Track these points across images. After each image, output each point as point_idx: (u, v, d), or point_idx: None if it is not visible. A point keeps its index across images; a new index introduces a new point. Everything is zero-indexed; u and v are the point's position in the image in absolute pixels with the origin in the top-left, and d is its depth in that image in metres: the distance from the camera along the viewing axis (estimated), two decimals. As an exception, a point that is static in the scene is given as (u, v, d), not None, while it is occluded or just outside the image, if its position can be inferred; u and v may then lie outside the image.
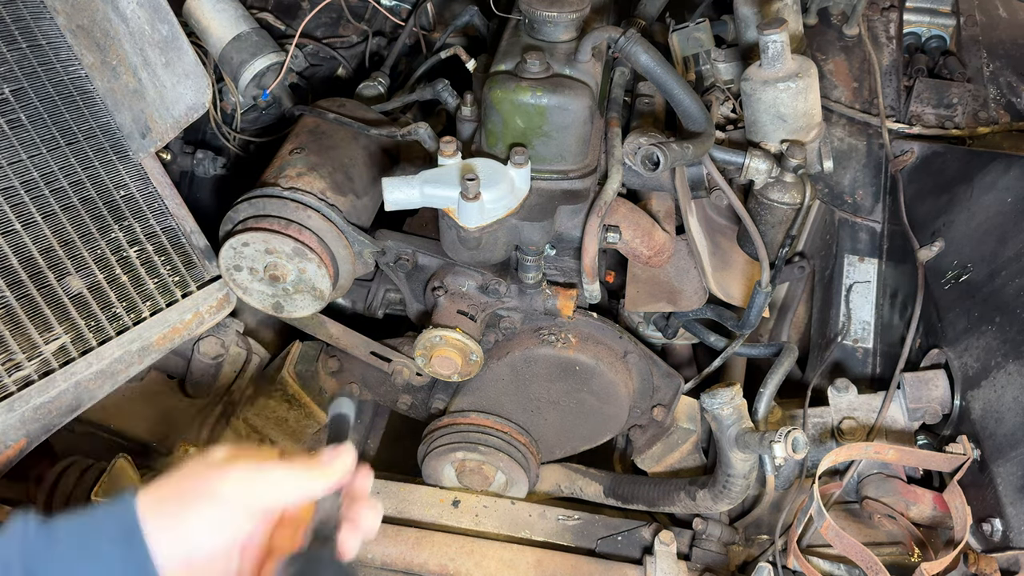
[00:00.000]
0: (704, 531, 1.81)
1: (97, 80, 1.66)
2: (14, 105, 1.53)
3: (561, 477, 2.03)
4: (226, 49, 2.01)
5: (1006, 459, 1.57)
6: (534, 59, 1.51)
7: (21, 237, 1.50)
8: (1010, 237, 1.73)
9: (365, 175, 1.82)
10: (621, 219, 1.74)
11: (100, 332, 1.58)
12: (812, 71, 1.72)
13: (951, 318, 1.81)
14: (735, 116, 1.92)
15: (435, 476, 1.96)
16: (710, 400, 1.62)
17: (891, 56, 2.24)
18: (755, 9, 1.87)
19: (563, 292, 1.78)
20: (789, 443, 1.48)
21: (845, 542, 1.54)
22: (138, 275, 1.66)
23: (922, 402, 1.78)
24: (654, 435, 2.00)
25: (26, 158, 1.53)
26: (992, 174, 1.86)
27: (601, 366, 1.82)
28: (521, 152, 1.49)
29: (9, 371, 1.46)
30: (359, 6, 2.27)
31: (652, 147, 1.54)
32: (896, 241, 2.06)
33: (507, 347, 1.84)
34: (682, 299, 1.87)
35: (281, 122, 2.18)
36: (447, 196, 1.47)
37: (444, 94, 1.76)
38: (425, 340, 1.72)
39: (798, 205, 1.75)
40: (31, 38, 1.58)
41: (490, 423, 1.90)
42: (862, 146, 2.15)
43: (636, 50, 1.56)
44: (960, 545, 1.52)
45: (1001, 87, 2.20)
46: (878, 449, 1.67)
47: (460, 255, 1.68)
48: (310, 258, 1.66)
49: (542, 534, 1.85)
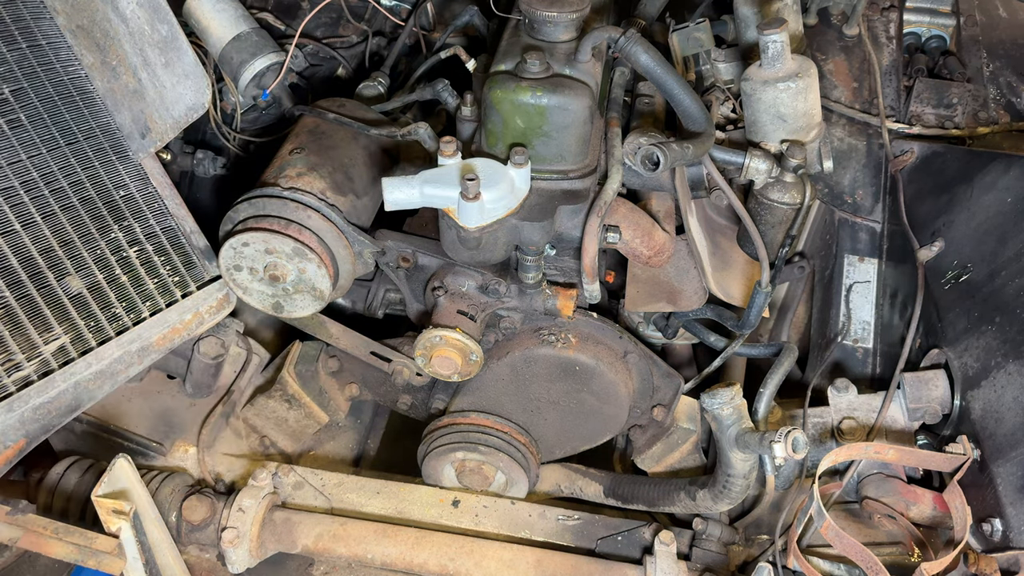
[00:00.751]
0: (704, 531, 1.81)
1: (97, 80, 1.66)
2: (14, 105, 1.53)
3: (561, 477, 2.03)
4: (226, 49, 2.01)
5: (1006, 459, 1.57)
6: (534, 59, 1.51)
7: (21, 237, 1.50)
8: (1010, 237, 1.73)
9: (365, 175, 1.82)
10: (621, 219, 1.74)
11: (100, 332, 1.58)
12: (812, 71, 1.72)
13: (951, 318, 1.81)
14: (735, 116, 1.92)
15: (435, 476, 1.96)
16: (710, 400, 1.62)
17: (891, 56, 2.24)
18: (755, 9, 1.87)
19: (563, 292, 1.78)
20: (789, 443, 1.48)
21: (845, 542, 1.54)
22: (138, 275, 1.66)
23: (922, 402, 1.78)
24: (654, 435, 2.00)
25: (26, 158, 1.53)
26: (992, 174, 1.86)
27: (601, 366, 1.82)
28: (521, 152, 1.49)
29: (8, 371, 1.46)
30: (359, 6, 2.27)
31: (652, 147, 1.54)
32: (896, 241, 2.06)
33: (507, 347, 1.84)
34: (682, 299, 1.87)
35: (281, 122, 2.18)
36: (447, 196, 1.47)
37: (444, 94, 1.76)
38: (425, 340, 1.72)
39: (798, 205, 1.75)
40: (31, 38, 1.58)
41: (490, 423, 1.90)
42: (862, 146, 2.15)
43: (636, 50, 1.56)
44: (960, 545, 1.52)
45: (1001, 87, 2.20)
46: (878, 449, 1.67)
47: (460, 255, 1.68)
48: (310, 258, 1.66)
49: (542, 534, 1.85)
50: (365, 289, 1.99)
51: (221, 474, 1.94)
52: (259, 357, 2.06)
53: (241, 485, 1.83)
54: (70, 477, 1.77)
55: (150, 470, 1.84)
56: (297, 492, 1.89)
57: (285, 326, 2.13)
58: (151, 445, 1.94)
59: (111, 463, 1.50)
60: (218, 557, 1.79)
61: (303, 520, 1.80)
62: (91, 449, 1.92)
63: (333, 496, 1.88)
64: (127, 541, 1.50)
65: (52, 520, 1.51)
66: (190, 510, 1.75)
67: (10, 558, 1.95)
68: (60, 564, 1.80)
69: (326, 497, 1.88)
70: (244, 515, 1.75)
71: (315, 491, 1.89)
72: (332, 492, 1.89)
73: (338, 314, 1.97)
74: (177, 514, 1.76)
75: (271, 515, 1.79)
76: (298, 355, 2.04)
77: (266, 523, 1.77)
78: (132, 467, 1.53)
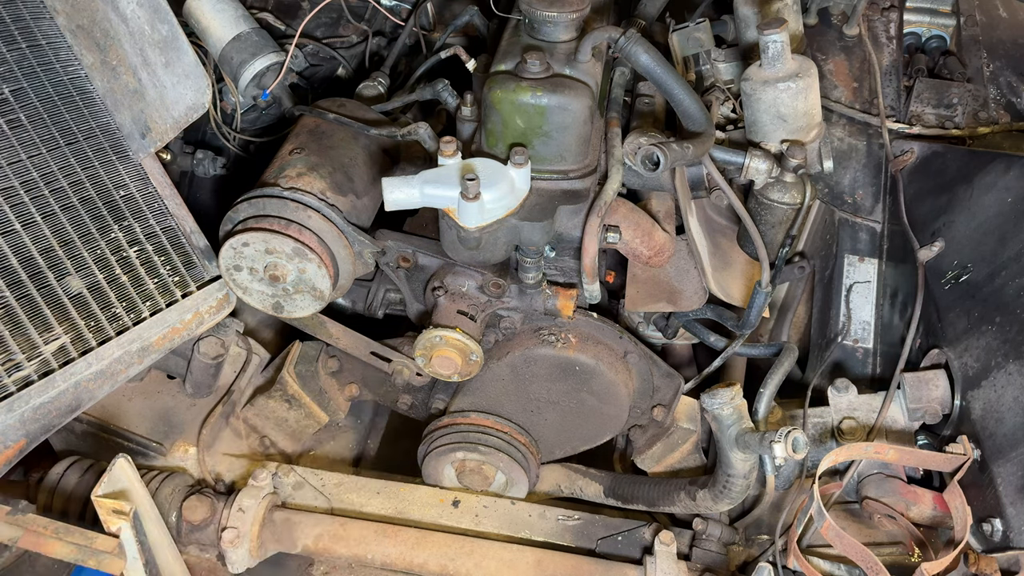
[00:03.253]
0: (704, 531, 1.81)
1: (97, 80, 1.66)
2: (14, 105, 1.53)
3: (561, 477, 2.03)
4: (226, 49, 2.01)
5: (1006, 459, 1.57)
6: (534, 59, 1.51)
7: (21, 237, 1.50)
8: (1010, 237, 1.73)
9: (365, 175, 1.82)
10: (621, 219, 1.74)
11: (100, 332, 1.58)
12: (812, 71, 1.72)
13: (951, 318, 1.81)
14: (735, 116, 1.92)
15: (435, 476, 1.96)
16: (710, 400, 1.62)
17: (891, 56, 2.24)
18: (755, 9, 1.87)
19: (563, 292, 1.78)
20: (789, 443, 1.48)
21: (845, 542, 1.54)
22: (138, 275, 1.66)
23: (922, 402, 1.78)
24: (654, 435, 2.00)
25: (26, 158, 1.53)
26: (992, 174, 1.86)
27: (601, 366, 1.82)
28: (521, 152, 1.49)
29: (9, 371, 1.46)
30: (359, 6, 2.27)
31: (652, 147, 1.54)
32: (896, 241, 2.06)
33: (507, 347, 1.84)
34: (682, 299, 1.87)
35: (281, 122, 2.18)
36: (447, 196, 1.47)
37: (444, 94, 1.76)
38: (425, 340, 1.72)
39: (798, 205, 1.75)
40: (31, 38, 1.58)
41: (490, 423, 1.90)
42: (862, 146, 2.15)
43: (636, 50, 1.56)
44: (960, 545, 1.52)
45: (1001, 87, 2.20)
46: (878, 449, 1.67)
47: (460, 255, 1.68)
48: (310, 258, 1.66)
49: (542, 534, 1.85)
50: (365, 289, 1.99)
51: (221, 474, 1.94)
52: (259, 357, 2.06)
53: (241, 485, 1.84)
54: (70, 477, 1.77)
55: (150, 470, 1.84)
56: (297, 492, 1.89)
57: (285, 326, 2.13)
58: (151, 445, 1.94)
59: (111, 463, 1.50)
60: (218, 557, 1.79)
61: (303, 520, 1.80)
62: (91, 449, 1.92)
63: (333, 496, 1.88)
64: (127, 541, 1.50)
65: (52, 520, 1.51)
66: (190, 510, 1.75)
67: (10, 558, 1.95)
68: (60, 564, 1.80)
69: (326, 497, 1.88)
70: (244, 515, 1.75)
71: (315, 491, 1.89)
72: (332, 492, 1.89)
73: (338, 314, 1.96)
74: (177, 514, 1.76)
75: (271, 515, 1.79)
76: (298, 355, 2.04)
77: (266, 523, 1.77)
78: (132, 467, 1.53)
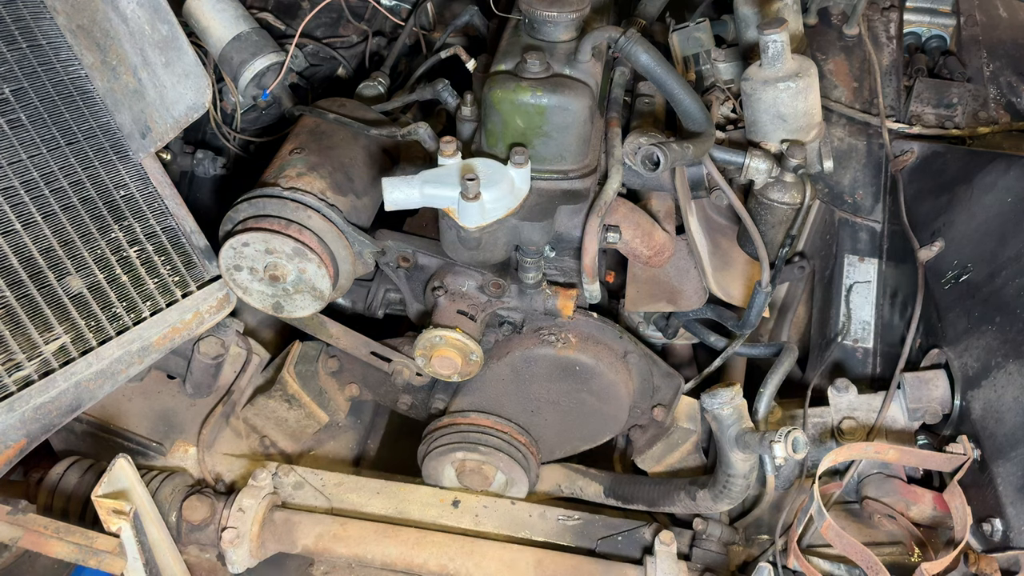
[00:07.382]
0: (704, 531, 1.81)
1: (97, 80, 1.66)
2: (14, 105, 1.53)
3: (561, 477, 2.03)
4: (226, 49, 2.01)
5: (1006, 459, 1.57)
6: (534, 59, 1.51)
7: (21, 237, 1.50)
8: (1010, 237, 1.74)
9: (365, 175, 1.82)
10: (621, 219, 1.74)
11: (100, 332, 1.58)
12: (812, 71, 1.72)
13: (951, 318, 1.81)
14: (735, 116, 1.92)
15: (435, 476, 1.96)
16: (710, 400, 1.62)
17: (891, 56, 2.24)
18: (755, 9, 1.87)
19: (563, 292, 1.78)
20: (789, 443, 1.48)
21: (845, 542, 1.54)
22: (138, 275, 1.66)
23: (922, 402, 1.78)
24: (654, 435, 2.00)
25: (26, 158, 1.53)
26: (992, 174, 1.86)
27: (601, 366, 1.82)
28: (521, 152, 1.49)
29: (9, 371, 1.46)
30: (359, 6, 2.27)
31: (652, 147, 1.54)
32: (896, 241, 2.06)
33: (507, 347, 1.84)
34: (682, 299, 1.87)
35: (281, 122, 2.18)
36: (447, 196, 1.47)
37: (444, 94, 1.76)
38: (425, 340, 1.72)
39: (798, 205, 1.75)
40: (31, 38, 1.58)
41: (490, 423, 1.90)
42: (862, 146, 2.15)
43: (636, 50, 1.56)
44: (960, 545, 1.52)
45: (1001, 87, 2.20)
46: (878, 449, 1.67)
47: (460, 255, 1.68)
48: (310, 258, 1.66)
49: (542, 534, 1.85)
50: (365, 289, 1.99)
51: (221, 474, 1.94)
52: (259, 357, 2.06)
53: (241, 485, 1.84)
54: (70, 477, 1.77)
55: (150, 470, 1.84)
56: (297, 492, 1.89)
57: (285, 326, 2.13)
58: (151, 445, 1.94)
59: (111, 463, 1.50)
60: (218, 557, 1.79)
61: (303, 520, 1.80)
62: (91, 449, 1.92)
63: (333, 496, 1.88)
64: (127, 541, 1.50)
65: (52, 520, 1.51)
66: (190, 510, 1.75)
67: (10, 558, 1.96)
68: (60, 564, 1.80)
69: (326, 497, 1.88)
70: (244, 515, 1.75)
71: (315, 491, 1.89)
72: (332, 492, 1.89)
73: (338, 314, 1.96)
74: (177, 514, 1.76)
75: (271, 515, 1.79)
76: (298, 355, 2.04)
77: (266, 523, 1.77)
78: (132, 467, 1.53)
